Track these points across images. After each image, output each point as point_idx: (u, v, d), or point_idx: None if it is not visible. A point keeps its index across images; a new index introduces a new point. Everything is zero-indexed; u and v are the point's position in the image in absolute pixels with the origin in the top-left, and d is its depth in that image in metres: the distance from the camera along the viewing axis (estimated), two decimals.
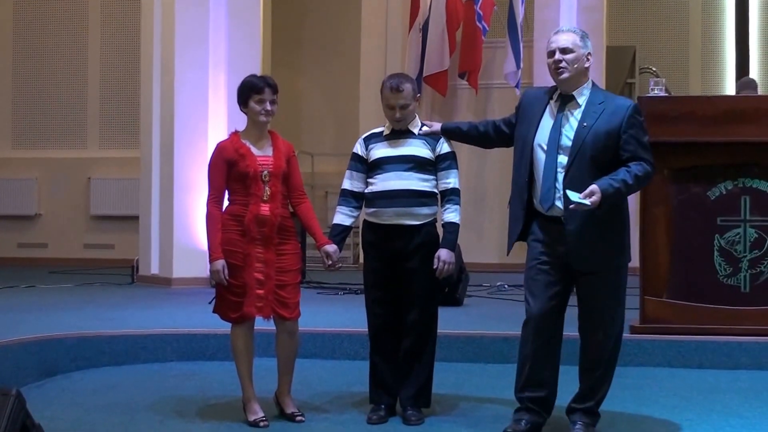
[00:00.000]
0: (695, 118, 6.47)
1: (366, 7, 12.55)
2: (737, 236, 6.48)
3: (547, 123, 4.56)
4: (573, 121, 4.51)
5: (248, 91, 4.96)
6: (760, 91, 11.16)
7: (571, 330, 4.65)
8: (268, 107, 4.93)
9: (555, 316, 4.58)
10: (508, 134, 4.80)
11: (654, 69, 12.28)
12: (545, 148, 4.52)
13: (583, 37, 4.60)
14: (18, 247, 13.64)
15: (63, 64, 13.86)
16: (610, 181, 4.36)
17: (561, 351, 4.65)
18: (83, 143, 13.84)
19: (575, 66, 4.53)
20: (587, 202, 4.28)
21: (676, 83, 11.85)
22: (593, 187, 4.31)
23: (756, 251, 6.47)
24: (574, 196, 4.30)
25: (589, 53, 4.58)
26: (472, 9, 11.45)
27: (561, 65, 4.52)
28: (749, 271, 6.47)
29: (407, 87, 4.99)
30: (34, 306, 8.16)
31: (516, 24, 11.19)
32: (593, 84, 4.63)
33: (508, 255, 5.01)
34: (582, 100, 4.54)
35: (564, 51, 4.53)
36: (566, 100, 4.57)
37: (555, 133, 4.51)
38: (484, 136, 4.93)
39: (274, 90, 4.97)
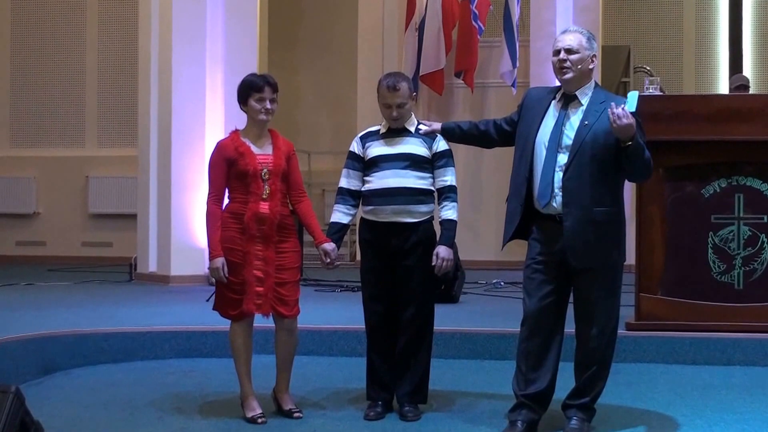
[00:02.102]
0: (689, 116, 6.51)
1: (362, 6, 12.57)
2: (731, 234, 6.52)
3: (549, 121, 4.59)
4: (575, 120, 4.54)
5: (248, 90, 4.98)
6: (753, 91, 11.19)
7: (569, 326, 4.68)
8: (268, 106, 4.96)
9: (551, 314, 4.61)
10: (510, 132, 4.81)
11: (648, 68, 12.32)
12: (546, 146, 4.55)
13: (590, 38, 4.62)
14: (17, 246, 13.67)
15: (61, 62, 13.88)
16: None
17: (561, 348, 4.68)
18: (81, 142, 13.87)
19: (579, 67, 4.55)
20: (632, 110, 4.31)
21: (670, 82, 11.90)
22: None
23: (749, 249, 6.51)
24: (632, 101, 4.32)
25: (594, 55, 4.60)
26: (467, 8, 11.49)
27: (565, 65, 4.55)
28: (743, 268, 6.51)
29: (403, 86, 5.02)
30: (33, 304, 8.18)
31: (512, 23, 11.23)
32: (596, 84, 4.65)
33: (502, 250, 5.04)
34: (584, 100, 4.57)
35: (569, 51, 4.56)
36: (569, 100, 4.60)
37: (556, 132, 4.54)
38: (485, 135, 4.93)
39: (275, 89, 4.99)
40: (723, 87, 12.68)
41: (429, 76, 11.74)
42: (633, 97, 4.38)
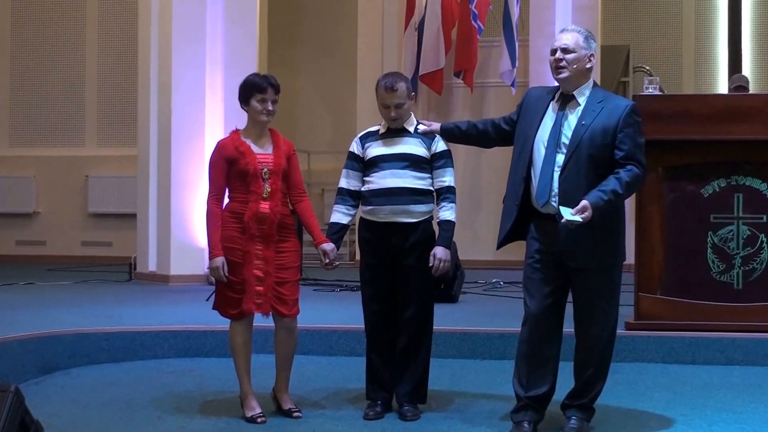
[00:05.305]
0: (689, 116, 6.51)
1: (362, 6, 12.58)
2: (730, 233, 6.52)
3: (548, 121, 4.58)
4: (572, 120, 4.53)
5: (251, 90, 4.98)
6: (752, 90, 11.19)
7: (567, 326, 4.68)
8: (270, 107, 4.96)
9: (553, 313, 4.61)
10: (509, 132, 4.80)
11: (648, 68, 12.33)
12: (545, 145, 4.54)
13: (588, 37, 4.60)
14: (16, 245, 13.69)
15: (61, 62, 13.89)
16: (599, 194, 4.37)
17: (561, 347, 4.68)
18: (81, 141, 13.88)
19: (575, 66, 4.54)
20: (579, 218, 4.31)
21: (669, 82, 11.91)
22: (584, 203, 4.32)
23: (749, 248, 6.51)
24: (566, 212, 4.32)
25: (591, 54, 4.57)
26: (467, 8, 11.50)
27: (561, 64, 4.54)
28: (742, 267, 6.51)
29: (401, 86, 5.02)
30: (33, 303, 8.19)
31: (511, 23, 11.25)
32: (594, 84, 4.64)
33: (498, 249, 5.03)
34: (582, 100, 4.56)
35: (565, 50, 4.54)
36: (567, 100, 4.59)
37: (555, 131, 4.53)
38: (484, 135, 4.92)
39: (277, 90, 5.00)
40: (722, 86, 12.69)
41: (428, 76, 11.75)
42: (565, 212, 4.37)
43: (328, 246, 5.03)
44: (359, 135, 5.22)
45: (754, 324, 6.43)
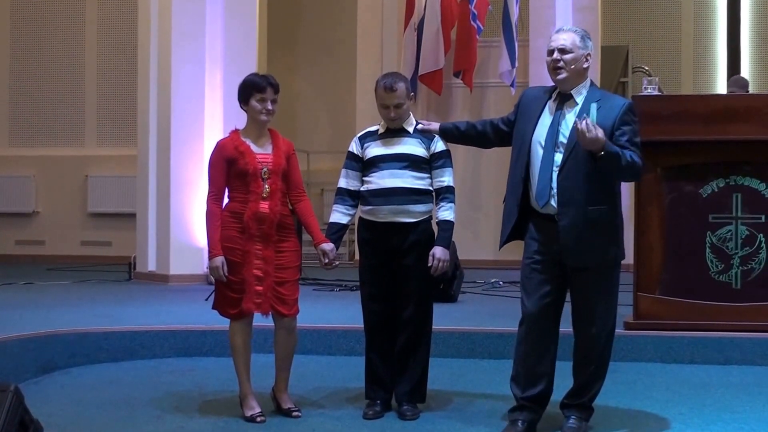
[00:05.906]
0: (688, 116, 6.52)
1: (361, 6, 12.59)
2: (729, 233, 6.53)
3: (545, 121, 4.59)
4: (570, 119, 4.53)
5: (250, 90, 4.99)
6: (752, 90, 11.20)
7: (565, 326, 4.70)
8: (269, 107, 4.97)
9: (550, 313, 4.61)
10: (507, 132, 4.81)
11: (647, 68, 12.34)
12: (543, 145, 4.55)
13: (584, 37, 4.61)
14: (16, 245, 13.71)
15: (60, 61, 13.91)
16: (611, 143, 4.38)
17: (558, 347, 4.69)
18: (80, 141, 13.90)
19: (573, 66, 4.55)
20: (594, 125, 4.27)
21: (668, 82, 11.93)
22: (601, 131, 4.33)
23: (747, 248, 6.52)
24: (593, 112, 4.32)
25: (588, 54, 4.58)
26: (466, 8, 11.51)
27: (558, 65, 4.55)
28: (740, 267, 6.52)
29: (400, 86, 5.02)
30: (32, 303, 8.19)
31: (510, 23, 11.25)
32: (591, 83, 4.65)
33: (500, 250, 5.05)
34: (579, 99, 4.56)
35: (562, 51, 4.55)
36: (564, 99, 4.59)
37: (552, 131, 4.54)
38: (482, 136, 4.93)
39: (276, 89, 5.01)
40: (721, 87, 12.72)
41: (428, 76, 11.76)
42: (593, 109, 4.38)
43: (328, 246, 5.04)
44: (358, 135, 5.23)
45: (752, 324, 6.44)
